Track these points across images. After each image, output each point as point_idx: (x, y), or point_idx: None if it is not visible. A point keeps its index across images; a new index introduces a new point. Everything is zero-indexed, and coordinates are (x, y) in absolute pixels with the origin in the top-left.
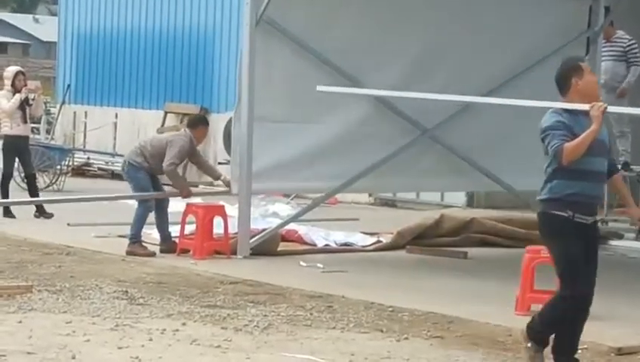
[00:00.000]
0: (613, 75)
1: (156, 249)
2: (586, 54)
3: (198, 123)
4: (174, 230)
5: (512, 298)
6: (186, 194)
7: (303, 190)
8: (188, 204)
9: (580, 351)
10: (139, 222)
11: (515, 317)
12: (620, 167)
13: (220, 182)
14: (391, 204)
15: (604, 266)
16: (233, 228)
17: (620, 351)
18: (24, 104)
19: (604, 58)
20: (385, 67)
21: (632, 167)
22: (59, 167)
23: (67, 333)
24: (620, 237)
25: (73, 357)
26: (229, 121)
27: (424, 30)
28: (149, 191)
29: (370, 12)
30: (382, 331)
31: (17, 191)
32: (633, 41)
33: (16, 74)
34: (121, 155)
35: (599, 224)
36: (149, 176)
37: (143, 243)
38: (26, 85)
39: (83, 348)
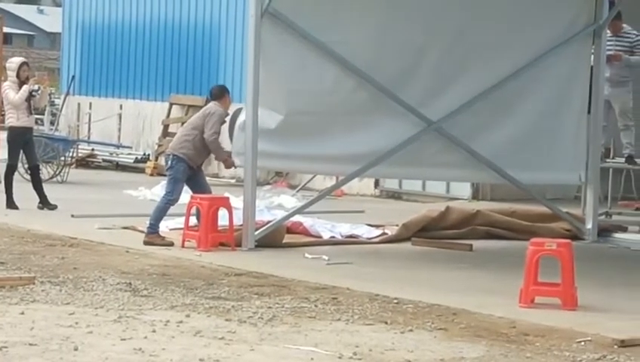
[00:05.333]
0: (618, 69)
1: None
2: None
3: (223, 92)
4: (179, 222)
5: (515, 290)
6: (229, 165)
7: (310, 171)
8: (192, 196)
9: (582, 343)
10: (159, 213)
11: (518, 309)
12: (623, 160)
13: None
14: (396, 196)
15: (608, 259)
16: (238, 220)
17: (623, 343)
18: (29, 96)
19: (611, 52)
20: (390, 60)
21: (636, 160)
22: (63, 158)
23: (70, 325)
24: (624, 229)
25: (76, 349)
26: (235, 112)
27: (430, 23)
28: (181, 184)
29: (376, 4)
30: (386, 323)
31: (21, 182)
32: None
33: (21, 65)
34: (126, 147)
35: (603, 217)
36: (189, 170)
37: (161, 234)
38: (32, 76)
39: (86, 340)
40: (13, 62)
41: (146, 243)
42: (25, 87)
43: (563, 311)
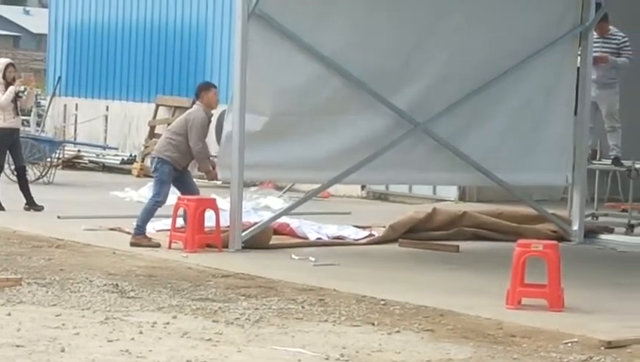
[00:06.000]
0: (605, 71)
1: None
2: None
3: (207, 87)
4: (166, 223)
5: (502, 291)
6: (212, 177)
7: (296, 180)
8: (179, 198)
9: (569, 345)
10: (146, 215)
11: (505, 310)
12: (610, 161)
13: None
14: (383, 197)
15: (594, 260)
16: (225, 222)
17: (609, 344)
18: (16, 97)
19: (597, 53)
20: (378, 62)
21: (622, 161)
22: (49, 159)
23: (57, 326)
24: (610, 231)
25: (62, 350)
26: (222, 114)
27: (417, 25)
28: (168, 185)
29: (363, 7)
30: (373, 324)
31: (7, 183)
32: (626, 38)
33: (7, 66)
34: (113, 148)
35: (589, 218)
36: (175, 172)
37: (147, 235)
38: (18, 77)
39: (72, 341)
40: None
41: (132, 244)
42: (11, 89)
43: (550, 313)
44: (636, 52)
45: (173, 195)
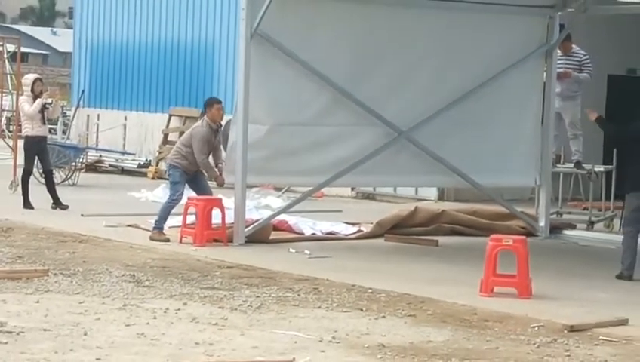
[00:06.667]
0: (568, 85)
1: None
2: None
3: (210, 103)
4: (178, 221)
5: (477, 281)
6: (220, 183)
7: (293, 184)
8: (189, 197)
9: (536, 328)
10: (163, 212)
11: (479, 298)
12: (572, 165)
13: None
14: (371, 197)
15: (559, 253)
16: (230, 219)
17: (572, 328)
18: (43, 108)
19: (561, 69)
20: (368, 78)
21: (583, 165)
22: (74, 163)
23: (80, 312)
24: (573, 227)
25: (85, 334)
26: (227, 124)
27: (402, 45)
28: (181, 186)
29: (353, 29)
30: (362, 310)
31: (36, 185)
32: (587, 56)
33: (35, 80)
34: (131, 153)
35: (554, 216)
36: (186, 175)
37: (163, 232)
38: (45, 90)
39: (94, 326)
40: (29, 78)
41: (150, 238)
42: (38, 100)
43: (519, 300)
44: (595, 68)
45: (185, 195)
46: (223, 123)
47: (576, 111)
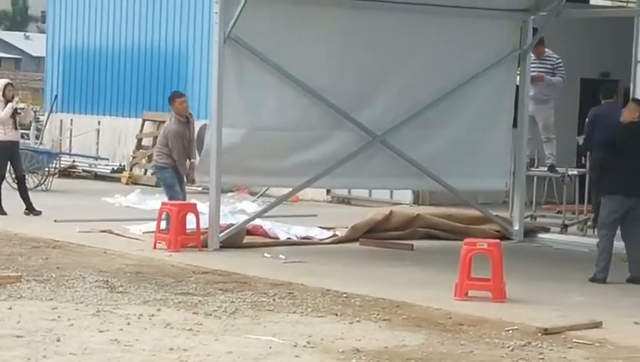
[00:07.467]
0: (541, 89)
1: (135, 242)
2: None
3: (172, 99)
4: (152, 226)
5: (451, 285)
6: (190, 180)
7: (267, 185)
8: (163, 203)
9: (510, 332)
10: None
11: (454, 301)
12: (546, 169)
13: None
14: (346, 201)
15: (533, 256)
16: (204, 224)
17: (546, 331)
18: (15, 113)
19: (534, 73)
20: (342, 82)
21: (557, 168)
22: (47, 169)
23: (53, 318)
24: (547, 230)
25: (58, 340)
26: (202, 127)
27: (377, 49)
28: (175, 187)
29: (330, 33)
30: (337, 315)
31: (9, 191)
32: (560, 60)
33: (6, 85)
34: (104, 158)
35: (528, 219)
36: (177, 174)
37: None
38: (16, 95)
39: (67, 332)
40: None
41: None
42: (9, 105)
43: (493, 303)
44: (568, 72)
45: (157, 201)
46: (198, 125)
47: (550, 115)
